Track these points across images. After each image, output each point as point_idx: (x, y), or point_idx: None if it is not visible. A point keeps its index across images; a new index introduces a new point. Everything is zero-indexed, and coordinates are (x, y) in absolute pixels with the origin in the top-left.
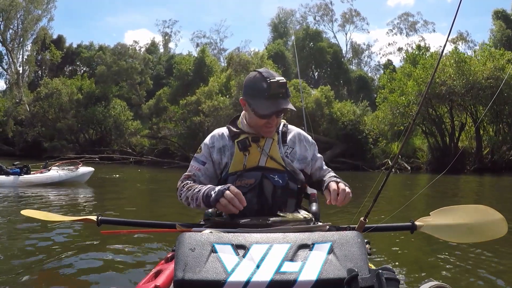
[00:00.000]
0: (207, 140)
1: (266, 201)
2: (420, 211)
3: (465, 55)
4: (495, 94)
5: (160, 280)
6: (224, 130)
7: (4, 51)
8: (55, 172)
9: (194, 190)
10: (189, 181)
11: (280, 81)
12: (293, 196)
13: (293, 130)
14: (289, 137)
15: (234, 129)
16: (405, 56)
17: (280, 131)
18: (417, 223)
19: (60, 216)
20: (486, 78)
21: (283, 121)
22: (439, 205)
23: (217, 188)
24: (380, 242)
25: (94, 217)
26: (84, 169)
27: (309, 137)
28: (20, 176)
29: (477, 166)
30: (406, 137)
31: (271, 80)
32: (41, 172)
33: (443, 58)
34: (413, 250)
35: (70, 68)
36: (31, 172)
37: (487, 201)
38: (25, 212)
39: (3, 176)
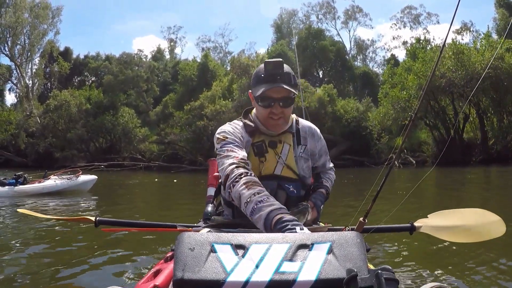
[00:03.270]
0: (228, 128)
1: None
2: (423, 206)
3: (463, 46)
4: (495, 84)
5: (159, 280)
6: (239, 123)
7: (13, 66)
8: (52, 182)
9: (258, 196)
10: (249, 172)
11: (275, 61)
12: (300, 201)
13: (304, 124)
14: (302, 133)
15: (250, 123)
16: (406, 51)
17: (294, 131)
18: (416, 224)
19: (57, 216)
20: (484, 68)
21: (293, 116)
22: (443, 201)
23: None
24: (380, 242)
25: (92, 218)
26: (85, 177)
27: (318, 131)
28: (16, 187)
29: (482, 157)
30: (406, 133)
31: (266, 61)
32: (39, 182)
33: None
34: (413, 250)
35: (78, 78)
36: (30, 182)
37: (493, 195)
38: (22, 211)
39: None
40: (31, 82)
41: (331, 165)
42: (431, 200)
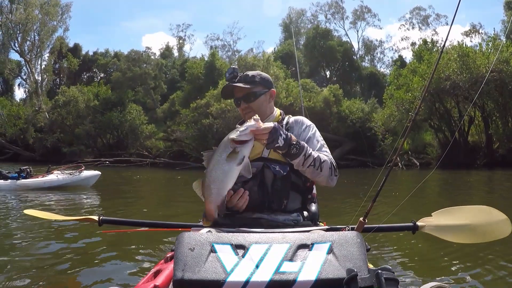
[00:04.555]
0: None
1: (267, 190)
2: (428, 208)
3: (469, 48)
4: (500, 87)
5: (159, 280)
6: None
7: (22, 62)
8: (54, 177)
9: None
10: None
11: (231, 67)
12: (296, 190)
13: (293, 117)
14: (290, 124)
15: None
16: (413, 52)
17: (283, 124)
18: (418, 223)
19: (62, 216)
20: (488, 71)
21: (289, 116)
22: (447, 203)
23: None
24: (380, 241)
25: (95, 217)
26: (88, 173)
27: (307, 121)
28: (18, 181)
29: (487, 160)
30: (406, 134)
31: (227, 69)
32: (43, 176)
33: (447, 53)
34: (413, 250)
35: (87, 75)
36: (33, 177)
37: (496, 198)
38: (28, 212)
39: (1, 181)
40: (40, 77)
41: (328, 155)
42: (434, 201)
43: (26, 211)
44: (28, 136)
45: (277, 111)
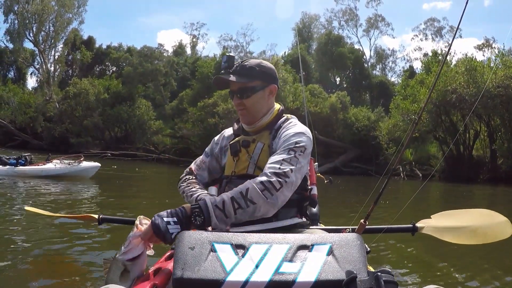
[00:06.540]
0: (216, 136)
1: None
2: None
3: (477, 62)
4: (505, 103)
5: (158, 278)
6: (230, 129)
7: (36, 51)
8: (52, 165)
9: (191, 188)
10: (191, 176)
11: (226, 55)
12: (288, 206)
13: (288, 124)
14: (281, 128)
15: (236, 127)
16: (422, 63)
17: (274, 128)
18: (418, 225)
19: (61, 214)
20: (496, 87)
21: (286, 116)
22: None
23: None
24: (380, 244)
25: (95, 215)
26: (88, 164)
27: (299, 134)
28: (16, 167)
29: (490, 175)
30: (405, 146)
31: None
32: (42, 165)
33: (456, 65)
34: (413, 252)
35: (99, 67)
36: (33, 164)
37: (498, 211)
38: (29, 209)
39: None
40: (52, 68)
41: (276, 177)
42: (436, 212)
43: (27, 208)
44: (37, 124)
45: (275, 109)
